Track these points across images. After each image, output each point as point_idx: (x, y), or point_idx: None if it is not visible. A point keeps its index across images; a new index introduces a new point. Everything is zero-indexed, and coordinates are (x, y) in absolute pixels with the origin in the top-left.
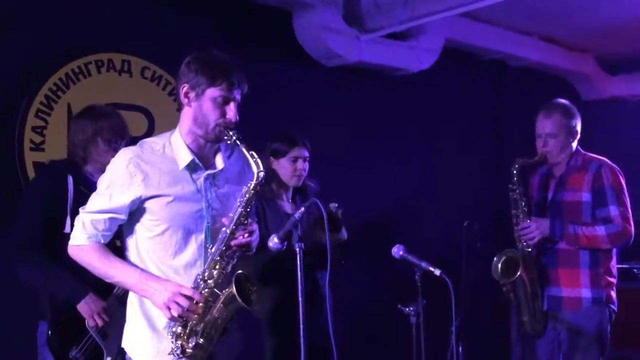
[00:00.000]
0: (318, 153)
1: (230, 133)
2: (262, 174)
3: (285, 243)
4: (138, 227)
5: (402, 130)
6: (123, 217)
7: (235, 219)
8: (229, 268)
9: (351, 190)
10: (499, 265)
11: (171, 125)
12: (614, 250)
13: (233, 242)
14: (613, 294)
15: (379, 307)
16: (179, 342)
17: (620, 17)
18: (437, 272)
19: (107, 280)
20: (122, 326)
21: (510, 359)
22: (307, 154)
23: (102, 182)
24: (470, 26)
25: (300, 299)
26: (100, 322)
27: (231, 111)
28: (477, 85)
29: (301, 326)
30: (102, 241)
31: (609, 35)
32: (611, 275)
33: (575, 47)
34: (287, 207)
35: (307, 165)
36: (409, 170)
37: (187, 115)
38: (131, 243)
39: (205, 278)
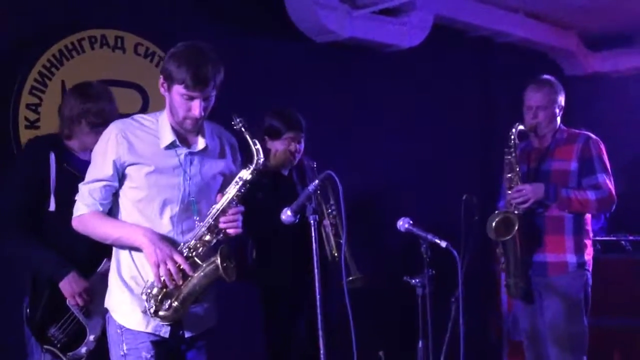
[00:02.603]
0: (310, 129)
1: (237, 120)
2: (261, 161)
3: (298, 216)
4: (122, 194)
5: (393, 106)
6: (115, 184)
7: (229, 197)
8: (213, 242)
9: (344, 165)
10: (494, 224)
11: (165, 102)
12: (589, 217)
13: (222, 219)
14: (591, 258)
15: (385, 280)
16: (152, 302)
17: None
18: (444, 244)
19: (108, 242)
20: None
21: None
22: (302, 135)
23: (95, 153)
24: (458, 3)
25: (315, 270)
26: (81, 302)
27: (195, 108)
28: (465, 62)
29: (317, 296)
30: (101, 209)
31: (592, 12)
32: (590, 242)
33: (559, 23)
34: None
35: (302, 146)
36: (401, 146)
37: (167, 102)
38: (119, 210)
39: (191, 248)
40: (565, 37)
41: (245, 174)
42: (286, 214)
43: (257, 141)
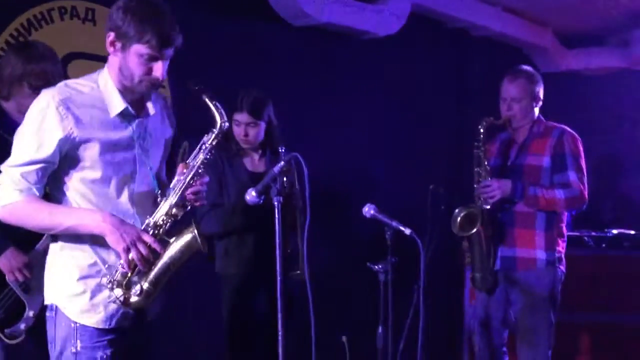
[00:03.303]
0: (283, 113)
1: (194, 81)
2: (225, 124)
3: (263, 197)
4: (69, 175)
5: (367, 93)
6: (55, 164)
7: (195, 167)
8: (180, 216)
9: (317, 150)
10: (458, 219)
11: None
12: (565, 214)
13: (189, 190)
14: (563, 256)
15: (348, 265)
16: (120, 290)
17: None
18: (408, 231)
19: (54, 232)
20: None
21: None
22: (248, 119)
23: (27, 129)
24: None
25: (278, 252)
26: (20, 277)
27: (158, 70)
28: (440, 53)
29: (278, 279)
30: (37, 194)
31: (567, 9)
32: (563, 238)
33: (535, 20)
34: (250, 164)
35: (250, 130)
36: (373, 133)
37: (113, 63)
38: (63, 192)
39: (158, 225)
40: (540, 33)
41: (210, 140)
42: (250, 195)
43: (218, 104)
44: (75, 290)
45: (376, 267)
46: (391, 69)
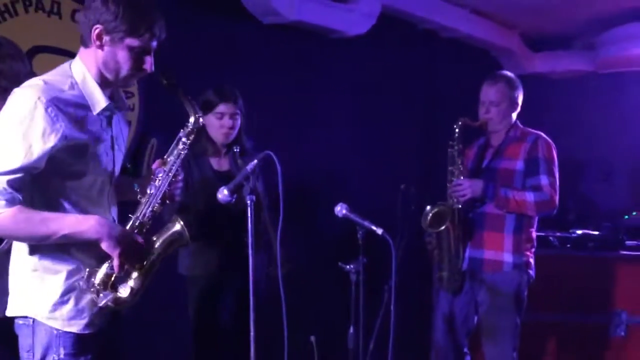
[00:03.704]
0: (252, 110)
1: (168, 76)
2: (200, 119)
3: (235, 196)
4: (54, 178)
5: (337, 92)
6: (41, 168)
7: (174, 163)
8: (158, 212)
9: (287, 148)
10: (429, 216)
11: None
12: (535, 219)
13: (169, 187)
14: (532, 260)
15: (319, 265)
16: (108, 292)
17: None
18: (380, 231)
19: (47, 242)
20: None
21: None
22: (233, 109)
23: (12, 132)
24: None
25: (250, 251)
26: None
27: (148, 63)
28: (410, 53)
29: (251, 278)
30: (24, 203)
31: (533, 12)
32: (531, 242)
33: (503, 22)
34: (216, 163)
35: (235, 122)
36: (343, 132)
37: (95, 56)
38: (46, 196)
39: (142, 223)
40: (507, 36)
41: (186, 134)
42: (222, 193)
43: (190, 97)
44: (59, 300)
45: (348, 267)
46: (361, 69)
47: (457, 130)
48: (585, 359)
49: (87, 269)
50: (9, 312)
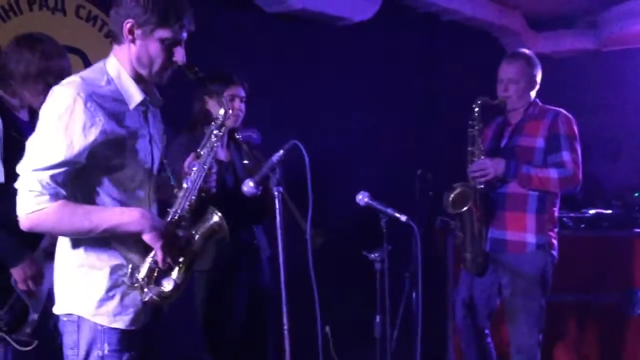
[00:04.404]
0: (259, 100)
1: (196, 69)
2: (229, 113)
3: (261, 188)
4: (94, 172)
5: (344, 79)
6: (83, 162)
7: (208, 156)
8: (195, 206)
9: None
10: (451, 197)
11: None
12: (558, 199)
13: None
14: (555, 240)
15: (340, 253)
16: (152, 287)
17: None
18: (404, 218)
19: (91, 235)
20: (47, 281)
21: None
22: (243, 93)
23: (53, 128)
24: None
25: (280, 244)
26: (33, 287)
27: (180, 53)
28: (413, 38)
29: (282, 272)
30: (67, 197)
31: None
32: (554, 222)
33: (504, 3)
34: (220, 153)
35: (243, 106)
36: (350, 120)
37: (129, 52)
38: (87, 190)
39: (182, 217)
40: (510, 16)
41: (218, 128)
42: (248, 185)
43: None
44: (104, 296)
45: (372, 255)
46: (367, 55)
47: (476, 109)
48: (604, 339)
49: (131, 265)
50: (56, 310)
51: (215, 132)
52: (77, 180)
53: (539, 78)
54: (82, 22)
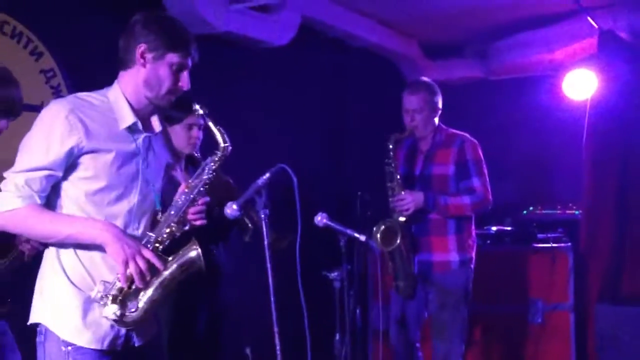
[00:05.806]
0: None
1: (197, 106)
2: (229, 148)
3: (243, 211)
4: (68, 185)
5: (264, 103)
6: (60, 173)
7: (198, 187)
8: (178, 234)
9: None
10: (378, 235)
11: (31, 86)
12: (473, 217)
13: (191, 210)
14: (474, 255)
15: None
16: (115, 305)
17: (440, 4)
18: (363, 238)
19: (53, 240)
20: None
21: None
22: (202, 121)
23: (35, 136)
24: (321, 4)
25: (268, 265)
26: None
27: (184, 79)
28: (326, 63)
29: (271, 291)
30: (39, 202)
31: (430, 21)
32: (472, 239)
33: (403, 31)
34: (180, 176)
35: (201, 133)
36: (269, 142)
37: (137, 75)
38: (58, 204)
39: (158, 240)
40: (408, 44)
41: (214, 161)
42: (231, 208)
43: (221, 128)
44: (68, 309)
45: (331, 274)
46: (286, 79)
47: (390, 147)
48: (508, 345)
49: (100, 280)
50: (31, 319)
51: (210, 165)
52: (56, 193)
53: (440, 104)
54: (6, 38)
